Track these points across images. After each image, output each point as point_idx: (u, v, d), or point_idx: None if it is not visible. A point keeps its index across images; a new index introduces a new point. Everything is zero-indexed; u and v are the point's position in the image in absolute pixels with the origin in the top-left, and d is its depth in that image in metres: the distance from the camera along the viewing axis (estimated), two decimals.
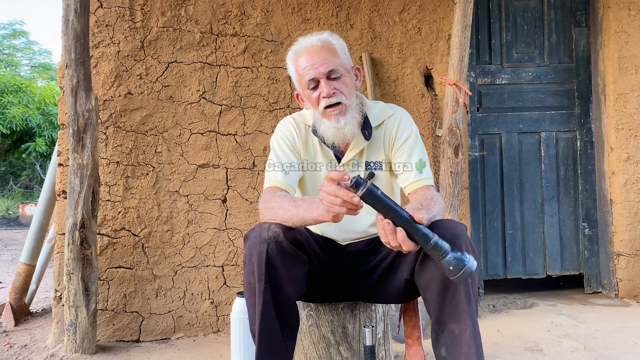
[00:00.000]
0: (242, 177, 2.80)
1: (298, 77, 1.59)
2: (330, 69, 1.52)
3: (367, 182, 1.19)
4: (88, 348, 2.40)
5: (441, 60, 3.00)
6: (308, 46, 1.56)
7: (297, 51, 1.59)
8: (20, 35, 14.53)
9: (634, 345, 2.38)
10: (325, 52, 1.54)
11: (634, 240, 3.09)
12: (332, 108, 1.52)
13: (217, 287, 2.75)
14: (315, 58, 1.53)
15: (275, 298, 1.35)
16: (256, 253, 1.34)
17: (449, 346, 1.34)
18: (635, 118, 3.13)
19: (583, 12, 3.35)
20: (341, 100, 1.53)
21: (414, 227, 1.21)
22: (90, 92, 2.47)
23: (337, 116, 1.52)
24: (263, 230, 1.36)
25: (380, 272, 1.52)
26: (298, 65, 1.57)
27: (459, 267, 1.19)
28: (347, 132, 1.54)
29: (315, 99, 1.54)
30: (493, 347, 2.39)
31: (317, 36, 1.58)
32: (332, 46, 1.56)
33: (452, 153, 2.57)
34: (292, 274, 1.37)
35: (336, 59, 1.54)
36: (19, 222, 10.91)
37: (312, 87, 1.54)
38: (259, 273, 1.34)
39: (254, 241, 1.36)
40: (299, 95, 1.66)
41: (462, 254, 1.20)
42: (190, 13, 2.81)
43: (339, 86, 1.53)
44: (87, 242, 2.42)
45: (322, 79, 1.52)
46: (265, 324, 1.35)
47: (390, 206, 1.21)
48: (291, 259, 1.36)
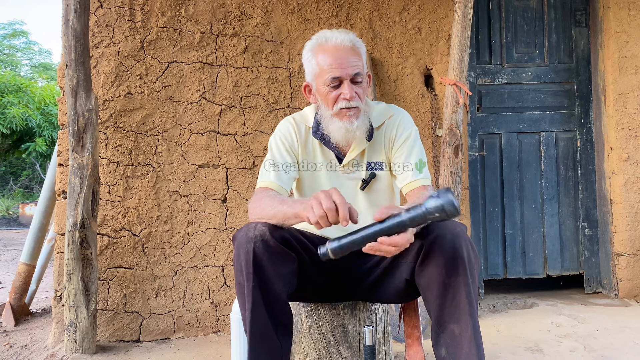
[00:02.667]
0: (242, 177, 2.80)
1: (318, 71, 1.54)
2: (356, 72, 1.51)
3: (327, 246, 1.28)
4: (88, 348, 2.40)
5: (441, 60, 3.00)
6: (338, 43, 1.52)
7: (323, 44, 1.54)
8: (20, 35, 14.52)
9: (634, 345, 2.38)
10: (354, 54, 1.52)
11: (634, 240, 3.09)
12: (349, 110, 1.52)
13: (217, 287, 2.75)
14: (344, 58, 1.50)
15: (264, 296, 1.35)
16: (243, 252, 1.35)
17: (449, 346, 1.34)
18: (635, 118, 3.13)
19: (583, 12, 3.35)
20: (358, 105, 1.53)
21: (386, 230, 1.24)
22: (90, 92, 2.47)
23: (351, 118, 1.52)
24: (250, 229, 1.37)
25: (380, 272, 1.52)
26: (321, 60, 1.53)
27: (440, 211, 1.20)
28: (357, 135, 1.55)
29: (333, 97, 1.53)
30: (493, 347, 2.39)
31: (345, 35, 1.54)
32: (359, 50, 1.55)
33: (452, 153, 2.57)
34: (281, 271, 1.37)
35: (361, 63, 1.54)
36: (19, 222, 10.91)
37: (333, 85, 1.52)
38: (247, 272, 1.34)
39: (241, 241, 1.36)
40: (307, 86, 1.62)
41: (432, 199, 1.21)
42: (190, 13, 2.81)
43: (359, 92, 1.53)
44: (87, 242, 2.42)
45: (346, 80, 1.51)
46: (255, 322, 1.35)
47: (358, 238, 1.26)
48: (279, 256, 1.36)
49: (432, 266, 1.34)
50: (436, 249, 1.34)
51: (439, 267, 1.33)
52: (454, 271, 1.32)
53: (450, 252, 1.32)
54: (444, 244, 1.33)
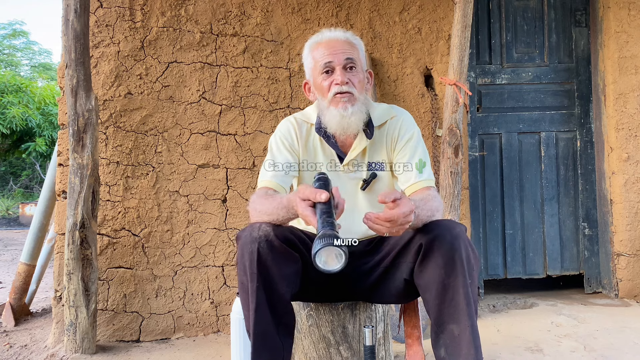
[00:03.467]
0: (242, 177, 2.80)
1: (314, 63, 1.59)
2: (348, 58, 1.54)
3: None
4: (88, 348, 2.40)
5: (441, 60, 3.00)
6: (332, 37, 1.59)
7: (319, 41, 1.60)
8: (20, 35, 14.52)
9: (634, 345, 2.38)
10: (347, 45, 1.58)
11: (634, 240, 3.09)
12: (342, 95, 1.53)
13: (217, 287, 2.75)
14: (337, 46, 1.56)
15: (268, 296, 1.35)
16: (247, 252, 1.35)
17: (448, 347, 1.34)
18: (635, 118, 3.13)
19: (583, 12, 3.35)
20: (352, 91, 1.53)
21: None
22: (90, 92, 2.47)
23: (346, 104, 1.52)
24: (254, 229, 1.37)
25: (380, 272, 1.52)
26: (316, 54, 1.58)
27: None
28: (352, 122, 1.53)
29: (327, 85, 1.55)
30: (493, 347, 2.39)
31: (341, 31, 1.61)
32: (353, 42, 1.60)
33: (452, 153, 2.57)
34: (285, 272, 1.37)
35: (356, 53, 1.58)
36: (19, 222, 10.90)
37: (325, 71, 1.55)
38: (251, 272, 1.34)
39: (245, 241, 1.36)
40: (307, 84, 1.66)
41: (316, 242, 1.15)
42: (190, 13, 2.81)
43: (353, 78, 1.55)
44: (87, 242, 2.42)
45: (338, 66, 1.54)
46: (259, 323, 1.35)
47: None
48: (283, 257, 1.36)
49: (431, 266, 1.34)
50: (435, 250, 1.34)
51: (438, 267, 1.33)
52: (453, 271, 1.32)
53: (449, 252, 1.32)
54: (443, 245, 1.33)
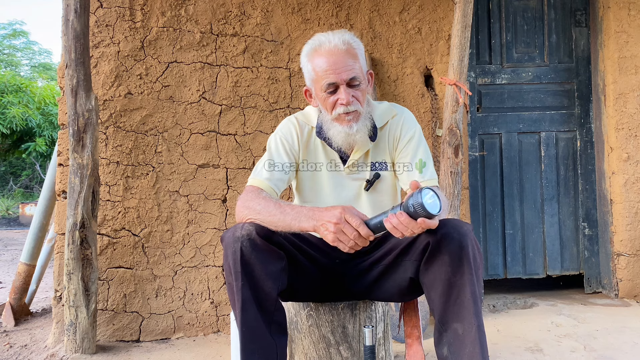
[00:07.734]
0: (242, 177, 2.80)
1: (315, 77, 1.52)
2: (352, 77, 1.49)
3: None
4: (88, 348, 2.40)
5: (441, 60, 3.00)
6: (332, 47, 1.49)
7: (317, 49, 1.51)
8: (20, 35, 14.51)
9: (634, 345, 2.38)
10: (349, 57, 1.49)
11: (634, 240, 3.09)
12: (347, 114, 1.51)
13: (217, 287, 2.75)
14: (339, 62, 1.48)
15: (254, 294, 1.35)
16: (231, 252, 1.35)
17: (451, 345, 1.34)
18: (635, 118, 3.13)
19: (583, 12, 3.35)
20: (357, 109, 1.52)
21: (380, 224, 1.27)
22: (90, 92, 2.47)
23: (350, 122, 1.52)
24: (237, 229, 1.37)
25: (381, 269, 1.51)
26: (316, 65, 1.51)
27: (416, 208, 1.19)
28: (357, 139, 1.55)
29: (331, 103, 1.52)
30: (493, 347, 2.39)
31: (339, 36, 1.50)
32: (355, 50, 1.51)
33: (452, 153, 2.57)
34: (269, 269, 1.37)
35: (357, 65, 1.50)
36: (19, 222, 10.91)
37: (329, 91, 1.51)
38: (235, 271, 1.35)
39: (229, 241, 1.37)
40: (308, 91, 1.62)
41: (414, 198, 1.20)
42: (190, 13, 2.81)
43: (357, 94, 1.51)
44: (87, 242, 2.42)
45: (342, 85, 1.49)
46: (246, 321, 1.35)
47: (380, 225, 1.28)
48: (266, 255, 1.36)
49: (438, 264, 1.34)
50: (442, 248, 1.33)
51: (445, 265, 1.33)
52: (460, 269, 1.32)
53: (456, 250, 1.32)
54: (451, 243, 1.33)
